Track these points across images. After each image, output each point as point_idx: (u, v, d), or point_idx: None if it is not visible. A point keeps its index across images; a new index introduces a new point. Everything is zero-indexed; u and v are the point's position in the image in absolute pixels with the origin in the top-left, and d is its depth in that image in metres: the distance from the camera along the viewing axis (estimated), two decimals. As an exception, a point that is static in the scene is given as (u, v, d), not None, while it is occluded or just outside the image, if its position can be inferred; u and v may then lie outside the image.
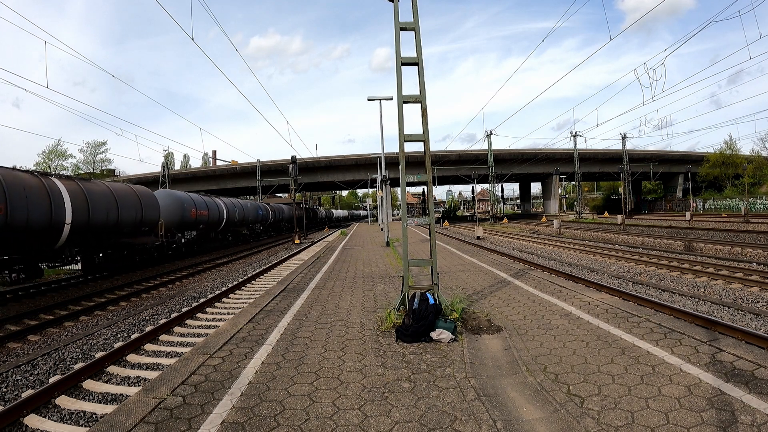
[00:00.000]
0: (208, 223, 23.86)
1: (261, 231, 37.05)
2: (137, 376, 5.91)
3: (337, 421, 3.41)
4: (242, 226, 31.08)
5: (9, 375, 6.05)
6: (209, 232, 25.40)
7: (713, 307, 8.47)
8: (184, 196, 22.30)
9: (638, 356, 4.46)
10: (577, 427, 3.20)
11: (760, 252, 15.00)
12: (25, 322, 9.23)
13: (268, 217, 38.11)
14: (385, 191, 22.38)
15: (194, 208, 22.29)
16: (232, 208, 27.85)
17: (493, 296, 7.82)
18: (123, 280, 14.61)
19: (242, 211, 29.97)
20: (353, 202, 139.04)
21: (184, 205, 21.43)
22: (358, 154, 56.07)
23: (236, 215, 28.48)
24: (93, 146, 55.18)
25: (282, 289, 9.21)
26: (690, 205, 45.51)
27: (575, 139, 53.00)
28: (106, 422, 3.44)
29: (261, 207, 36.56)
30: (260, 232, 36.69)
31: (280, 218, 43.72)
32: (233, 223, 28.34)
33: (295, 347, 5.20)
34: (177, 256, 21.69)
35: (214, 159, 76.84)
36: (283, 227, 47.20)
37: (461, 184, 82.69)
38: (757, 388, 3.61)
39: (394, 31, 6.13)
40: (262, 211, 36.32)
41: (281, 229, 46.87)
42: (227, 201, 27.51)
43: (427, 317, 5.37)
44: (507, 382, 4.15)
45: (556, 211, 61.37)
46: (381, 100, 22.93)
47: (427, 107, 6.11)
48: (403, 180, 6.42)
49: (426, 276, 10.10)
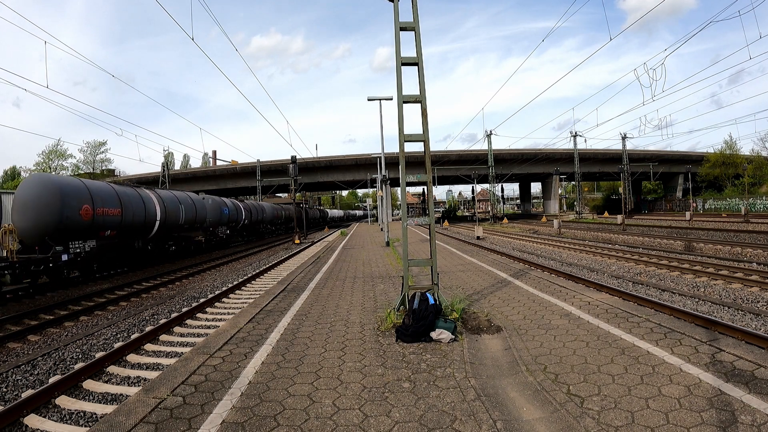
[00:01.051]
0: (122, 227, 15.74)
1: (226, 236, 28.35)
2: (137, 376, 5.91)
3: (337, 421, 3.41)
4: (193, 230, 22.55)
5: (9, 375, 6.05)
6: (130, 240, 16.86)
7: (713, 307, 8.47)
8: (69, 184, 13.97)
9: (638, 356, 4.46)
10: (577, 427, 3.20)
11: (760, 252, 15.00)
12: (25, 322, 9.22)
13: (238, 217, 30.35)
14: (385, 191, 22.38)
15: (89, 205, 13.98)
16: (172, 205, 19.76)
17: (493, 296, 7.82)
18: (123, 280, 14.61)
19: (191, 209, 21.54)
20: (353, 202, 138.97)
21: (64, 199, 13.13)
22: (358, 154, 56.10)
23: (180, 215, 20.36)
24: (93, 146, 55.26)
25: (282, 289, 9.21)
26: (690, 205, 45.52)
27: (575, 139, 53.05)
28: (106, 422, 3.44)
29: (229, 205, 28.57)
30: (225, 237, 28.02)
31: (258, 219, 35.73)
32: (174, 226, 20.03)
33: (295, 347, 5.20)
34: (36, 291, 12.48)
35: (214, 159, 76.86)
36: (264, 230, 39.33)
37: (461, 184, 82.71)
38: (757, 388, 3.61)
39: (394, 31, 6.13)
40: (229, 209, 28.29)
41: (262, 232, 38.86)
42: (164, 194, 19.78)
43: (427, 317, 5.37)
44: (507, 382, 4.15)
45: (556, 211, 61.36)
46: (381, 100, 22.93)
47: (428, 107, 6.11)
48: (403, 180, 6.42)
49: (426, 276, 10.10)
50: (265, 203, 41.67)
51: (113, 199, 15.45)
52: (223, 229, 27.41)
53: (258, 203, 37.81)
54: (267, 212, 38.44)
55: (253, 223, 34.31)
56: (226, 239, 28.33)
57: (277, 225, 43.88)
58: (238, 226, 30.89)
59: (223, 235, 27.54)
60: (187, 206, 21.40)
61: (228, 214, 27.92)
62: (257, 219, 35.19)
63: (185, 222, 21.08)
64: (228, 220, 28.04)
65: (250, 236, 35.73)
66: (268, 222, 39.62)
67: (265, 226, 39.43)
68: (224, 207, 27.39)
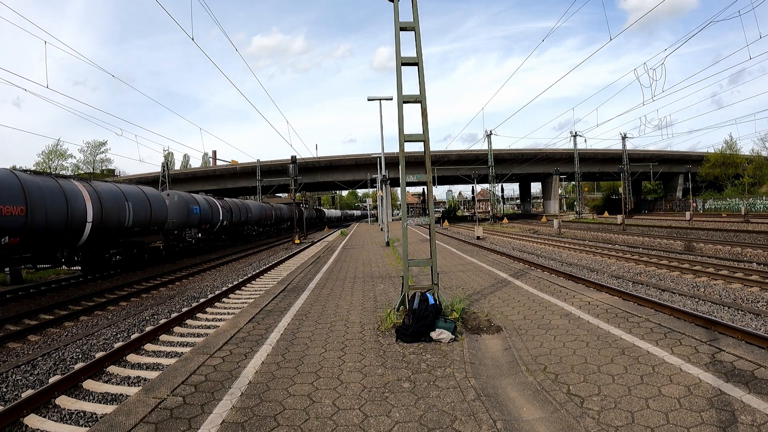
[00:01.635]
0: (28, 232, 11.31)
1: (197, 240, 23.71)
2: (137, 376, 5.91)
3: (337, 421, 3.41)
4: (148, 233, 17.80)
5: (9, 375, 6.05)
6: (46, 249, 12.68)
7: (713, 307, 8.47)
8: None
9: (638, 356, 4.46)
10: (577, 427, 3.20)
11: (760, 252, 14.99)
12: (25, 322, 9.23)
13: (214, 218, 25.10)
14: (385, 191, 22.38)
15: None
16: (112, 201, 14.93)
17: (493, 296, 7.82)
18: (122, 280, 14.61)
19: (143, 207, 16.82)
20: (353, 202, 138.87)
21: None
22: (358, 154, 56.10)
23: (126, 214, 15.65)
24: (93, 146, 55.15)
25: (282, 289, 9.21)
26: (690, 205, 45.52)
27: (575, 139, 53.03)
28: (106, 422, 3.44)
29: (201, 203, 23.72)
30: (195, 242, 23.39)
31: (242, 220, 30.52)
32: (117, 230, 15.33)
33: (295, 347, 5.20)
34: None
35: (214, 159, 76.85)
36: (249, 233, 34.60)
37: (461, 184, 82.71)
38: (757, 388, 3.61)
39: (394, 31, 6.13)
40: (201, 208, 23.43)
41: (247, 235, 34.09)
42: (102, 188, 14.98)
43: (427, 317, 5.37)
44: (507, 382, 4.15)
45: (556, 211, 61.35)
46: (381, 100, 22.94)
47: (428, 107, 6.11)
48: (403, 180, 6.42)
49: (426, 276, 10.10)
50: (251, 202, 36.75)
51: (13, 193, 10.89)
52: (192, 232, 22.70)
53: (243, 202, 32.81)
54: (253, 212, 33.66)
55: (234, 225, 29.37)
56: (196, 244, 23.63)
57: (266, 226, 39.66)
58: (214, 228, 25.75)
59: (192, 239, 22.83)
60: (137, 203, 16.53)
61: (199, 213, 23.05)
62: (240, 220, 30.31)
63: (135, 224, 16.22)
64: (200, 221, 23.27)
65: (231, 240, 30.86)
66: (255, 223, 35.04)
67: (251, 228, 34.65)
68: (194, 205, 22.57)
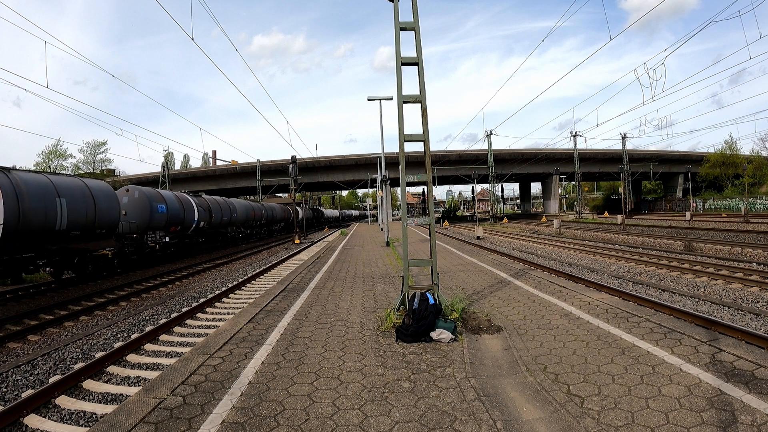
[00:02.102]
0: None
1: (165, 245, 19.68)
2: (137, 376, 5.91)
3: (337, 421, 3.41)
4: (93, 238, 14.12)
5: (9, 375, 6.05)
6: None
7: (713, 307, 8.47)
8: None
9: (638, 356, 4.46)
10: (577, 427, 3.20)
11: (760, 252, 14.99)
12: (25, 322, 9.22)
13: (187, 218, 21.22)
14: (385, 191, 22.39)
15: None
16: (37, 198, 11.71)
17: (493, 296, 7.82)
18: (123, 280, 14.60)
19: (84, 204, 13.45)
20: (353, 202, 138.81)
21: None
22: (358, 154, 56.12)
23: (59, 214, 12.36)
24: (93, 146, 55.04)
25: (282, 289, 9.21)
26: (690, 205, 45.55)
27: (575, 139, 53.01)
28: (106, 422, 3.44)
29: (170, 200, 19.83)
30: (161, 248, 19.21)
31: (224, 222, 26.43)
32: (46, 233, 12.09)
33: (295, 347, 5.20)
34: None
35: (214, 159, 76.85)
36: (236, 235, 30.13)
37: (461, 184, 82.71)
38: (757, 388, 3.61)
39: (394, 31, 6.13)
40: (170, 207, 19.64)
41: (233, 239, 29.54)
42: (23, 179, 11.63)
43: (427, 317, 5.37)
44: (507, 382, 4.15)
45: (556, 211, 61.37)
46: (381, 100, 22.94)
47: (428, 107, 6.11)
48: (403, 180, 6.42)
49: (426, 276, 10.10)
50: (237, 200, 31.89)
51: None
52: (157, 236, 18.71)
53: (226, 200, 28.42)
54: (239, 212, 29.50)
55: (215, 227, 25.23)
56: (163, 250, 19.39)
57: (255, 228, 35.14)
58: (188, 230, 21.85)
59: (156, 244, 18.62)
60: (75, 200, 13.05)
61: (167, 213, 19.07)
62: (221, 220, 26.01)
63: (71, 226, 12.85)
64: (168, 223, 19.35)
65: (212, 244, 26.47)
66: (241, 224, 30.83)
67: (236, 230, 30.18)
68: (159, 203, 18.76)
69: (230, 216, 27.74)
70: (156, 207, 18.67)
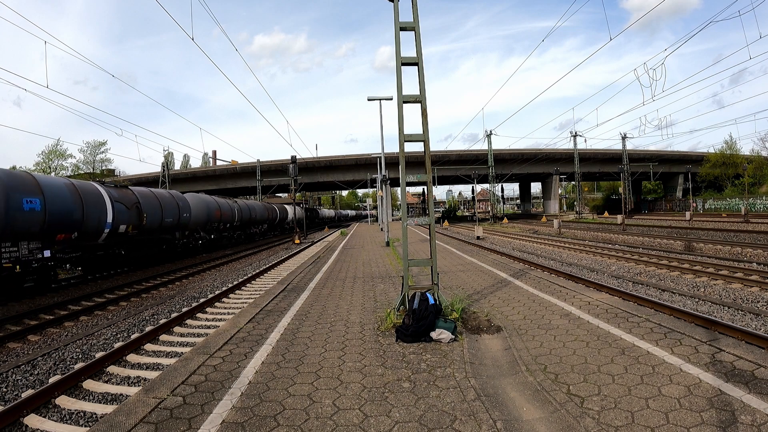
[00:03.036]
0: None
1: (45, 263, 12.08)
2: (137, 376, 5.91)
3: (337, 421, 3.41)
4: None
5: (9, 375, 6.05)
6: None
7: (713, 307, 8.47)
8: None
9: (638, 356, 4.46)
10: (577, 427, 3.20)
11: (760, 252, 14.99)
12: (25, 322, 9.22)
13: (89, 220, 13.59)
14: (385, 191, 22.39)
15: None
16: None
17: (493, 296, 7.82)
18: (123, 279, 14.61)
19: None
20: (353, 202, 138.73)
21: None
22: (358, 154, 56.14)
23: None
24: (93, 146, 54.98)
25: (282, 289, 9.21)
26: (690, 205, 45.55)
27: (575, 139, 53.02)
28: (106, 422, 3.44)
29: (52, 191, 12.29)
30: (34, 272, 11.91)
31: (166, 225, 18.55)
32: None
33: (295, 347, 5.20)
34: None
35: (214, 159, 76.85)
36: (190, 243, 21.87)
37: (461, 184, 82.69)
38: (757, 388, 3.61)
39: (394, 31, 6.13)
40: (45, 202, 11.83)
41: (184, 247, 21.26)
42: None
43: (427, 317, 5.37)
44: (507, 382, 4.15)
45: (556, 211, 61.37)
46: (381, 100, 22.94)
47: (428, 107, 6.11)
48: (403, 180, 6.42)
49: (426, 276, 10.10)
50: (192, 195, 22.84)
51: None
52: (22, 251, 11.48)
53: (175, 194, 20.56)
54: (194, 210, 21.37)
55: (150, 232, 17.56)
56: (39, 274, 12.17)
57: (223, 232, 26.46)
58: (98, 239, 14.44)
59: (18, 265, 11.27)
60: None
61: (43, 211, 11.84)
62: (164, 223, 18.41)
63: None
64: (47, 227, 12.07)
65: (148, 256, 18.31)
66: (199, 227, 22.46)
67: (191, 235, 21.83)
68: (27, 195, 11.37)
69: (178, 216, 19.42)
70: (17, 201, 11.10)
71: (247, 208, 31.32)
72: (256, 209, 33.35)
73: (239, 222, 28.93)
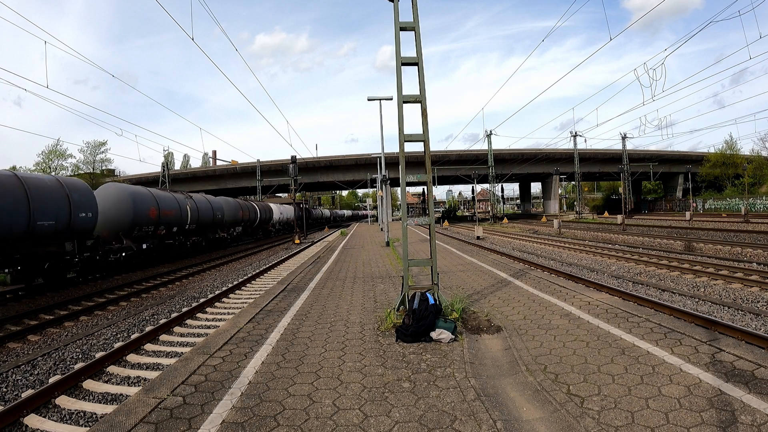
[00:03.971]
0: None
1: None
2: (137, 376, 5.91)
3: (337, 421, 3.41)
4: None
5: (9, 375, 6.05)
6: None
7: (713, 307, 8.47)
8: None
9: (638, 356, 4.46)
10: (577, 427, 3.20)
11: (760, 252, 14.99)
12: (25, 322, 9.22)
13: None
14: (385, 191, 22.38)
15: None
16: None
17: (493, 296, 7.81)
18: (123, 280, 14.60)
19: None
20: (353, 202, 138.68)
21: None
22: (358, 154, 56.15)
23: None
24: (93, 146, 54.97)
25: (282, 289, 9.21)
26: (690, 205, 45.55)
27: (575, 139, 53.01)
28: (106, 422, 3.44)
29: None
30: None
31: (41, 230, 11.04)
32: None
33: (295, 347, 5.20)
34: None
35: (214, 159, 76.85)
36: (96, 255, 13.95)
37: (461, 184, 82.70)
38: (757, 388, 3.61)
39: (394, 31, 6.13)
40: None
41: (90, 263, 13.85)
42: None
43: (427, 317, 5.37)
44: (507, 382, 4.15)
45: (556, 211, 61.39)
46: (381, 100, 22.93)
47: (428, 107, 6.11)
48: (403, 180, 6.42)
49: (426, 276, 10.10)
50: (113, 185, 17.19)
51: None
52: None
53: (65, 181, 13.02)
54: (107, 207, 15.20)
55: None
56: None
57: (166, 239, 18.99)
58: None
59: None
60: None
61: None
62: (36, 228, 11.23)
63: None
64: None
65: None
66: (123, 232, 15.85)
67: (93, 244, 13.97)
68: None
69: (68, 217, 12.36)
70: None
71: (209, 206, 23.65)
72: (223, 208, 25.90)
73: (197, 225, 21.75)
